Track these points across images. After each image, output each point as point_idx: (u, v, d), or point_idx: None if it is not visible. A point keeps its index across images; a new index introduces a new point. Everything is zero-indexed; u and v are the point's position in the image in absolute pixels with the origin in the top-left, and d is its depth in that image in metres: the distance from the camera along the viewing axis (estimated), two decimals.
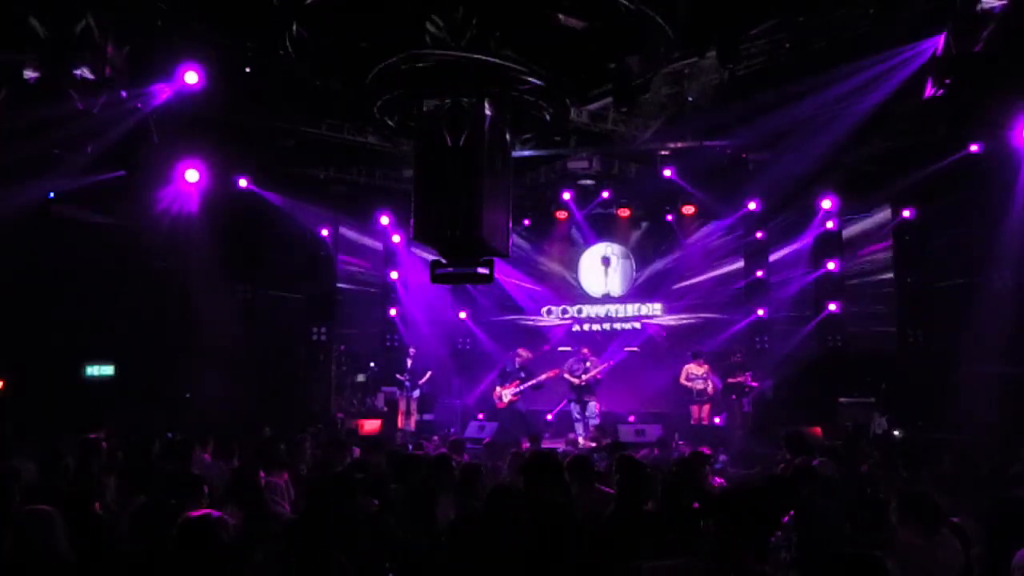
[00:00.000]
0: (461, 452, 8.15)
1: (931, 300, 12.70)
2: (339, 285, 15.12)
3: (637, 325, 16.12)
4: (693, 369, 13.68)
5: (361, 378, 15.13)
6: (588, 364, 13.58)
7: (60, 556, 3.83)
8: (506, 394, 13.69)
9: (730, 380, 13.76)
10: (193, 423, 10.44)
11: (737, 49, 8.02)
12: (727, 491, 5.31)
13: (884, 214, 13.64)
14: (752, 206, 14.33)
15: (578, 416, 13.50)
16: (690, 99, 11.34)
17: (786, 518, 5.10)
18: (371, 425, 13.45)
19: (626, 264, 16.44)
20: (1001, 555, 4.01)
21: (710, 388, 13.56)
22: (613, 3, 4.71)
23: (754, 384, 13.61)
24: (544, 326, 16.48)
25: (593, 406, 13.43)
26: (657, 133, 12.65)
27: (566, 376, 13.61)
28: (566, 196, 15.00)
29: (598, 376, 13.57)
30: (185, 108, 10.16)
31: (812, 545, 4.33)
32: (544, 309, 16.57)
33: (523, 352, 14.07)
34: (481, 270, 5.68)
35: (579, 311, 16.48)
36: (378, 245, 15.87)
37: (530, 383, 13.70)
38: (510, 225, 5.82)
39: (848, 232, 14.28)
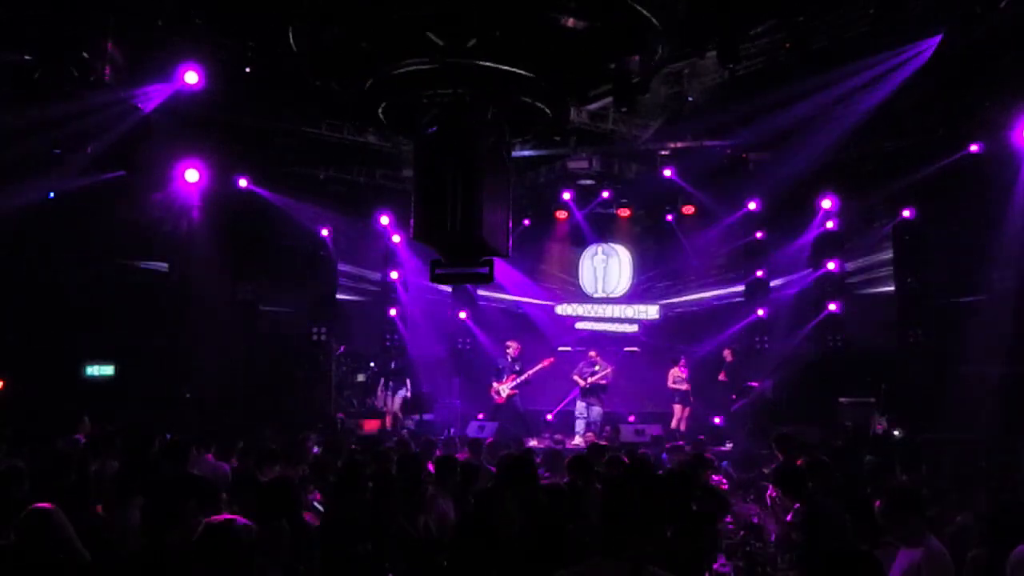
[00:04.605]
0: (478, 454, 8.13)
1: (931, 300, 12.69)
2: (339, 285, 15.12)
3: (636, 327, 16.11)
4: (676, 372, 13.83)
5: (361, 378, 15.12)
6: (597, 368, 13.57)
7: (77, 553, 3.84)
8: (504, 388, 13.71)
9: (720, 378, 13.83)
10: (193, 423, 10.44)
11: (737, 49, 8.03)
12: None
13: (884, 214, 13.62)
14: (752, 206, 14.33)
15: (580, 415, 13.51)
16: (690, 99, 11.35)
17: (789, 515, 5.11)
18: (371, 425, 13.46)
19: (626, 264, 16.42)
20: (1002, 556, 4.01)
21: (684, 388, 13.74)
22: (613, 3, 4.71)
23: (738, 382, 13.63)
24: (544, 326, 16.46)
25: (597, 410, 13.42)
26: (657, 133, 12.65)
27: (575, 378, 13.64)
28: (566, 196, 15.00)
29: (602, 381, 13.52)
30: (185, 108, 10.16)
31: (818, 543, 4.32)
32: (543, 309, 16.55)
33: (512, 344, 14.10)
34: (481, 270, 5.67)
35: (579, 311, 16.47)
36: (378, 245, 15.86)
37: (527, 374, 13.75)
38: (510, 225, 5.81)
39: (848, 232, 14.26)
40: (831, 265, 14.05)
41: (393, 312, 15.59)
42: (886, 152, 12.38)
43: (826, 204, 13.75)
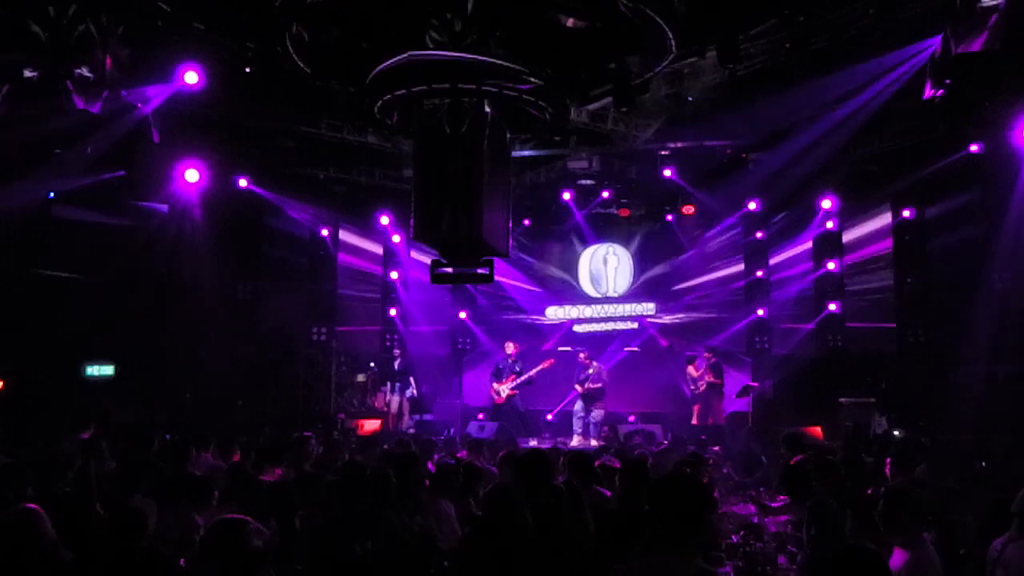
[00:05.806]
0: (478, 454, 8.10)
1: (931, 300, 12.68)
2: (339, 285, 15.12)
3: (636, 325, 16.11)
4: (692, 370, 13.95)
5: (361, 378, 15.12)
6: (590, 371, 13.53)
7: (57, 555, 3.83)
8: (503, 389, 13.73)
9: (709, 379, 13.86)
10: (193, 423, 10.44)
11: (737, 49, 8.04)
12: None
13: (884, 214, 13.62)
14: (752, 206, 14.33)
15: (579, 415, 13.50)
16: (690, 99, 11.34)
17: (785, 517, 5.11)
18: (371, 425, 13.46)
19: (626, 264, 16.42)
20: None
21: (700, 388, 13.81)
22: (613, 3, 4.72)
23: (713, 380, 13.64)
24: (544, 326, 16.46)
25: (598, 412, 13.40)
26: (657, 133, 12.64)
27: (576, 387, 13.62)
28: (566, 196, 15.00)
29: (596, 385, 13.42)
30: (185, 108, 10.16)
31: (825, 542, 4.32)
32: (544, 309, 16.55)
33: (512, 345, 14.11)
34: (481, 270, 5.68)
35: (579, 311, 16.46)
36: (378, 245, 15.85)
37: (527, 375, 13.75)
38: (510, 225, 5.82)
39: (848, 232, 14.26)
40: (831, 265, 14.06)
41: (393, 312, 15.60)
42: (886, 152, 12.37)
43: (826, 204, 13.75)
